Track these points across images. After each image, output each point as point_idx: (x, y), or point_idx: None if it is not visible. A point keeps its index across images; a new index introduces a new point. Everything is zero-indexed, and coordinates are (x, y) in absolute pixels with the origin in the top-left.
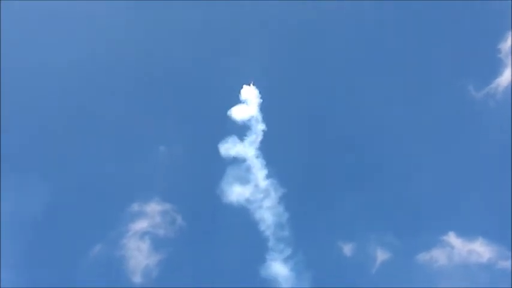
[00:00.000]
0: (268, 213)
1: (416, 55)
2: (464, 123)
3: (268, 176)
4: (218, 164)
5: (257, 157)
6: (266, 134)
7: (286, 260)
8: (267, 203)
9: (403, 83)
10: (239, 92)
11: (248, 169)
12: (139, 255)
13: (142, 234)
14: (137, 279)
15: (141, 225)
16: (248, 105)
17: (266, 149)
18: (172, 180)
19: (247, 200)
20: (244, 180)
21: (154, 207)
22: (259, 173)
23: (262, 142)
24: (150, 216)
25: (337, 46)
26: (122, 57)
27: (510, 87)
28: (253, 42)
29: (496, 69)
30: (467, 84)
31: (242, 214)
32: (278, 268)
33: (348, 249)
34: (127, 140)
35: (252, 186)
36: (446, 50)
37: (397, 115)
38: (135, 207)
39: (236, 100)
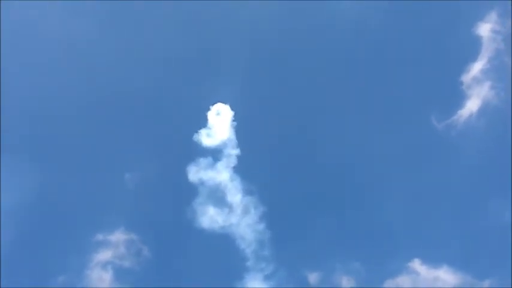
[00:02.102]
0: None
1: (381, 86)
2: (429, 153)
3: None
4: (188, 189)
5: (231, 180)
6: (240, 158)
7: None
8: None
9: (370, 112)
10: (209, 113)
11: (222, 192)
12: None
13: (106, 265)
14: None
15: (105, 255)
16: (219, 126)
17: (240, 172)
18: (139, 209)
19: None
20: (218, 204)
21: (119, 237)
22: (235, 195)
23: (236, 166)
24: (114, 246)
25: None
26: (85, 77)
27: (472, 118)
28: (224, 56)
29: (458, 101)
30: (430, 115)
31: (217, 238)
32: None
33: (313, 278)
34: (90, 167)
35: (226, 209)
36: (410, 82)
37: (365, 144)
38: (100, 237)
39: (206, 122)
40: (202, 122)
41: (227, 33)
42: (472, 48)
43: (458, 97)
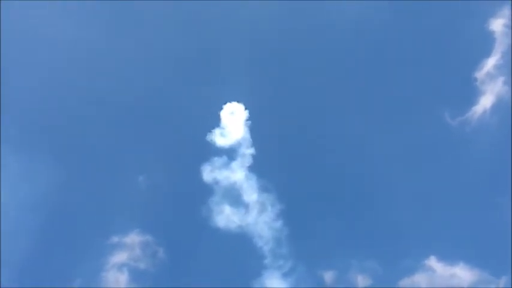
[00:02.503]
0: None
1: (394, 83)
2: (442, 150)
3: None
4: (202, 189)
5: (247, 179)
6: (255, 156)
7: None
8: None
9: (383, 111)
10: (222, 112)
11: (237, 191)
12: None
13: (121, 267)
14: None
15: (120, 257)
16: (233, 125)
17: (256, 171)
18: (153, 210)
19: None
20: (234, 203)
21: (134, 239)
22: (251, 194)
23: (251, 165)
24: (129, 248)
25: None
26: (97, 79)
27: (486, 114)
28: (234, 54)
29: (472, 97)
30: (443, 112)
31: (233, 237)
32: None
33: (328, 276)
34: (104, 170)
35: (242, 208)
36: (423, 79)
37: (378, 142)
38: (115, 239)
39: (219, 121)
40: (216, 122)
41: (235, 32)
42: (485, 44)
43: (472, 93)
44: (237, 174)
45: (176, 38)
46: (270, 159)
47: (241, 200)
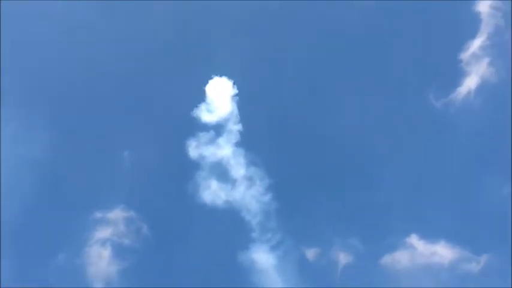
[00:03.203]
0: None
1: (378, 64)
2: (426, 131)
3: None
4: (188, 165)
5: (234, 154)
6: (242, 131)
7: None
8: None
9: (368, 91)
10: (208, 87)
11: (224, 167)
12: (101, 263)
13: (105, 242)
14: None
15: (104, 233)
16: (219, 100)
17: (243, 146)
18: (138, 186)
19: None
20: (221, 178)
21: (118, 215)
22: (239, 169)
23: (239, 139)
24: (113, 224)
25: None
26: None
27: (471, 95)
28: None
29: (456, 78)
30: (428, 93)
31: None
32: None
33: (310, 253)
34: (89, 146)
35: (230, 183)
36: (408, 60)
37: (363, 121)
38: (98, 215)
39: (205, 96)
40: (202, 97)
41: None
42: (471, 25)
43: (456, 74)
44: (224, 150)
45: (161, 12)
46: (258, 135)
47: (229, 175)
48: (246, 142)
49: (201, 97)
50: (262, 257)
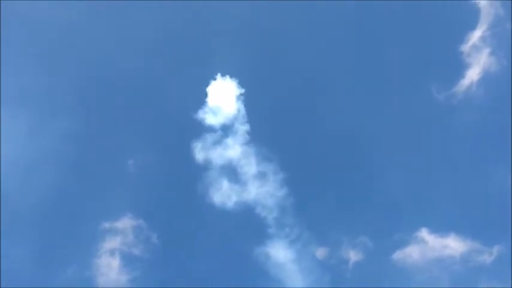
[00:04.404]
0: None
1: (379, 58)
2: (430, 124)
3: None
4: (196, 169)
5: (244, 152)
6: (251, 132)
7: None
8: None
9: (371, 84)
10: (211, 88)
11: (234, 167)
12: (111, 274)
13: (113, 252)
14: None
15: (113, 243)
16: (224, 101)
17: (253, 145)
18: (145, 194)
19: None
20: (231, 178)
21: (126, 224)
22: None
23: (247, 140)
24: (122, 234)
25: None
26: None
27: (473, 86)
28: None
29: (458, 70)
30: (430, 86)
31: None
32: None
33: (320, 252)
34: (93, 156)
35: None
36: (409, 54)
37: (366, 116)
38: (106, 225)
39: (209, 97)
40: (205, 98)
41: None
42: (470, 16)
43: (458, 67)
44: (232, 150)
45: (161, 16)
46: (266, 132)
47: (240, 174)
48: (256, 140)
49: (204, 98)
50: (280, 253)
